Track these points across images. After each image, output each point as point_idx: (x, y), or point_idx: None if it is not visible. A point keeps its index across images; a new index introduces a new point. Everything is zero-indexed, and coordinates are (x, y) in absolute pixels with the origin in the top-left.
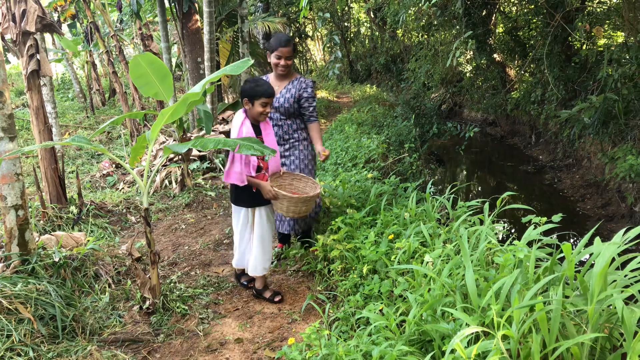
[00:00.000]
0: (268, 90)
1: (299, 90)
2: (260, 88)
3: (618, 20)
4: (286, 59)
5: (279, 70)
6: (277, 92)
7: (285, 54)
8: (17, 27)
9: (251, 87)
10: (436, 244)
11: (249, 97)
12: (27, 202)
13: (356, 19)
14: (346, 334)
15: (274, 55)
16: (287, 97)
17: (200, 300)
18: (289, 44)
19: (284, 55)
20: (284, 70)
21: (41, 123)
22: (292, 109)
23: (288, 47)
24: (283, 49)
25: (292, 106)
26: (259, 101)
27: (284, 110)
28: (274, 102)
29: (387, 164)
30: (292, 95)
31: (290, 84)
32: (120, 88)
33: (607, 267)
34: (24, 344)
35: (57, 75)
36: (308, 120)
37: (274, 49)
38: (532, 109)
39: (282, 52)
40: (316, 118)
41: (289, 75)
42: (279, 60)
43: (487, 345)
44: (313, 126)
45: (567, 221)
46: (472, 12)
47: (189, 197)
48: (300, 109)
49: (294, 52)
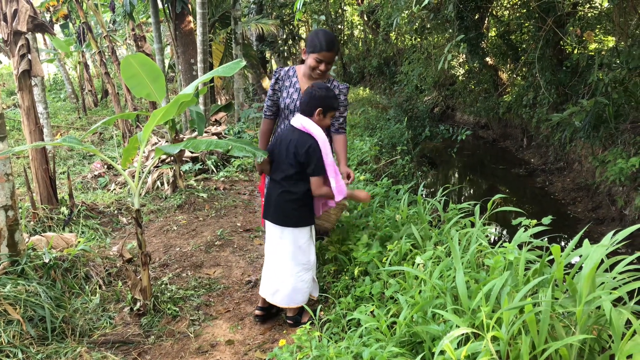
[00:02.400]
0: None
1: None
2: (335, 97)
3: (609, 25)
4: (327, 64)
5: (315, 73)
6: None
7: (328, 58)
8: (8, 26)
9: (330, 97)
10: (427, 246)
11: (324, 108)
12: (18, 202)
13: (350, 22)
14: (337, 335)
15: (313, 57)
16: None
17: (192, 301)
18: (333, 48)
19: (325, 60)
20: (320, 76)
21: (32, 123)
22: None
23: (332, 51)
24: (326, 54)
25: None
26: (331, 114)
27: None
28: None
29: (379, 166)
30: None
31: None
32: (112, 89)
33: (596, 269)
34: (13, 346)
35: (49, 76)
36: (336, 131)
37: (315, 50)
38: (523, 112)
39: (324, 57)
40: (345, 130)
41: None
42: (319, 64)
43: (476, 346)
44: (340, 139)
45: (557, 224)
46: (464, 15)
47: (181, 198)
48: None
49: (337, 54)
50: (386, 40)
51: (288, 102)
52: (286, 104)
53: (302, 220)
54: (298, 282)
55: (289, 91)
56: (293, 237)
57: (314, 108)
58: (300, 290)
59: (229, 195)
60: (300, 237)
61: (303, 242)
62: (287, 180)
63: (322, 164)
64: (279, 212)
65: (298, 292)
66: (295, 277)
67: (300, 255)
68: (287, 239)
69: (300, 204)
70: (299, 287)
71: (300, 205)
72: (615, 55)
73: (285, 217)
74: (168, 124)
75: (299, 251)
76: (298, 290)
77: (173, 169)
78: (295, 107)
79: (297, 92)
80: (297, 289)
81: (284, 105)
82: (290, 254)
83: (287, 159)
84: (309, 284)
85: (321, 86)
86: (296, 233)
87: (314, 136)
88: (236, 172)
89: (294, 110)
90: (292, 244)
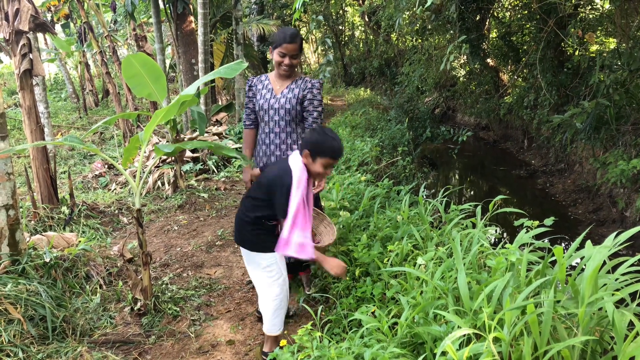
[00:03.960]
0: (337, 150)
1: (304, 90)
2: (333, 146)
3: (610, 26)
4: (291, 57)
5: (281, 69)
6: (278, 91)
7: (291, 51)
8: (9, 26)
9: (321, 141)
10: (429, 247)
11: (312, 152)
12: (18, 202)
13: (350, 23)
14: (338, 336)
15: (277, 52)
16: (289, 97)
17: (192, 301)
18: (295, 39)
19: (288, 53)
20: (287, 71)
21: (33, 123)
22: (294, 112)
23: (294, 43)
24: (288, 46)
25: (294, 107)
26: (323, 160)
27: (285, 112)
28: (274, 104)
29: (380, 167)
30: (295, 95)
31: (293, 83)
32: (113, 89)
33: (598, 270)
34: (14, 345)
35: (50, 76)
36: (309, 126)
37: (278, 44)
38: (524, 113)
39: (286, 49)
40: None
41: (292, 75)
42: (283, 58)
43: (478, 347)
44: None
45: (558, 226)
46: (466, 16)
47: (182, 198)
48: (303, 112)
49: (301, 49)
50: (387, 41)
51: (262, 102)
52: (260, 105)
53: (259, 246)
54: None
55: (262, 92)
56: (255, 260)
57: (303, 148)
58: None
59: (229, 195)
60: (262, 260)
61: (266, 265)
62: (250, 200)
63: (285, 206)
64: (236, 230)
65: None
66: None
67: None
68: (251, 261)
69: (255, 228)
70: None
71: (255, 230)
72: (616, 57)
73: (242, 237)
74: (169, 124)
75: (265, 273)
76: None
77: (174, 169)
78: (269, 105)
79: (270, 92)
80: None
81: (258, 106)
82: (259, 277)
83: (260, 180)
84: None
85: (321, 130)
86: (255, 256)
87: (292, 175)
88: (237, 173)
89: (268, 109)
90: (256, 267)
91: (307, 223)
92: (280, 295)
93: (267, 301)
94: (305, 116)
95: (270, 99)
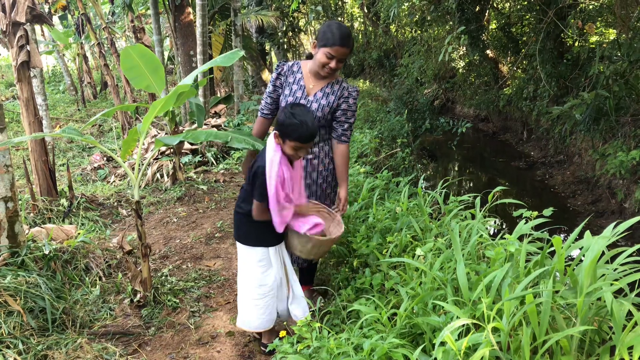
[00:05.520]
0: (304, 135)
1: (339, 99)
2: (298, 130)
3: (610, 17)
4: (338, 61)
5: (324, 71)
6: (311, 92)
7: (341, 55)
8: (7, 17)
9: (286, 124)
10: (428, 238)
11: (280, 133)
12: (17, 194)
13: (349, 14)
14: (337, 327)
15: (324, 52)
16: (323, 105)
17: (192, 293)
18: (348, 42)
19: (337, 57)
20: (329, 74)
21: (31, 115)
22: (324, 121)
23: (346, 47)
24: (340, 49)
25: (325, 117)
26: (291, 143)
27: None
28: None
29: (379, 159)
30: (330, 103)
31: (329, 87)
32: (111, 81)
33: (597, 260)
34: (14, 337)
35: (48, 68)
36: (338, 138)
37: (328, 44)
38: (524, 105)
39: (337, 52)
40: (348, 139)
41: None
42: (330, 60)
43: (477, 337)
44: (341, 148)
45: (557, 217)
46: (465, 7)
47: (181, 190)
48: (333, 121)
49: (351, 51)
50: (386, 33)
51: (291, 100)
52: (288, 103)
53: (251, 239)
54: (251, 304)
55: (292, 88)
56: (243, 253)
57: (275, 127)
58: (253, 315)
59: (228, 187)
60: (249, 256)
61: (253, 263)
62: (242, 191)
63: (264, 190)
64: (234, 222)
65: (251, 314)
66: (248, 297)
67: (251, 276)
68: (240, 253)
69: (248, 221)
70: (251, 311)
71: (247, 222)
72: (616, 48)
73: (237, 229)
74: (168, 116)
75: (249, 270)
76: (250, 313)
77: (173, 161)
78: None
79: (302, 90)
80: (249, 311)
81: (285, 103)
82: (242, 270)
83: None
84: (265, 312)
85: (292, 109)
86: (244, 250)
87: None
88: (236, 164)
89: None
90: (243, 260)
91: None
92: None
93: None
94: (334, 126)
95: (301, 99)
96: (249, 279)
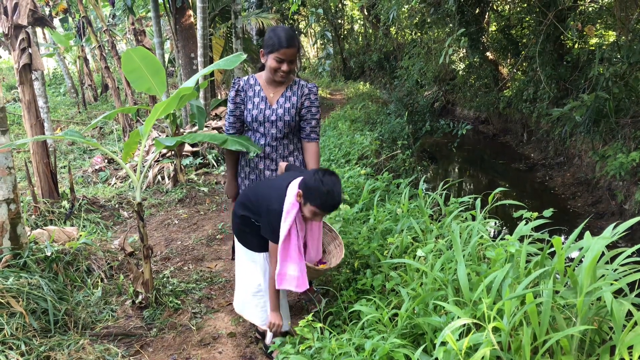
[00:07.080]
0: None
1: (301, 97)
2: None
3: (610, 19)
4: (289, 62)
5: (277, 76)
6: (273, 101)
7: (289, 56)
8: (8, 20)
9: (313, 189)
10: (428, 239)
11: (304, 195)
12: (19, 196)
13: (350, 16)
14: (339, 327)
15: (273, 58)
16: (288, 108)
17: (193, 294)
18: (293, 42)
19: (287, 59)
20: (284, 77)
21: (33, 117)
22: (294, 122)
23: (292, 47)
24: (286, 51)
25: (293, 119)
26: (311, 207)
27: (283, 124)
28: (269, 115)
29: (380, 161)
30: (294, 104)
31: (288, 90)
32: (112, 83)
33: (596, 261)
34: (16, 338)
35: (49, 70)
36: (307, 137)
37: (273, 49)
38: (524, 107)
39: (284, 55)
40: (318, 136)
41: (287, 80)
42: (280, 64)
43: (478, 337)
44: (311, 148)
45: (557, 219)
46: (465, 9)
47: (182, 192)
48: (300, 121)
49: (299, 50)
50: (386, 35)
51: (255, 113)
52: (254, 116)
53: (254, 245)
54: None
55: (254, 101)
56: (243, 251)
57: (300, 185)
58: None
59: None
60: (250, 256)
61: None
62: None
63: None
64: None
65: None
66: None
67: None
68: (239, 250)
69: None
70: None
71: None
72: (616, 50)
73: (238, 235)
74: (169, 118)
75: (249, 268)
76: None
77: (174, 163)
78: (265, 117)
79: (264, 101)
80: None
81: (251, 117)
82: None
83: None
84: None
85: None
86: (245, 249)
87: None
88: None
89: (263, 122)
90: (243, 257)
91: (300, 255)
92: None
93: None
94: (302, 125)
95: (266, 110)
96: (248, 275)
